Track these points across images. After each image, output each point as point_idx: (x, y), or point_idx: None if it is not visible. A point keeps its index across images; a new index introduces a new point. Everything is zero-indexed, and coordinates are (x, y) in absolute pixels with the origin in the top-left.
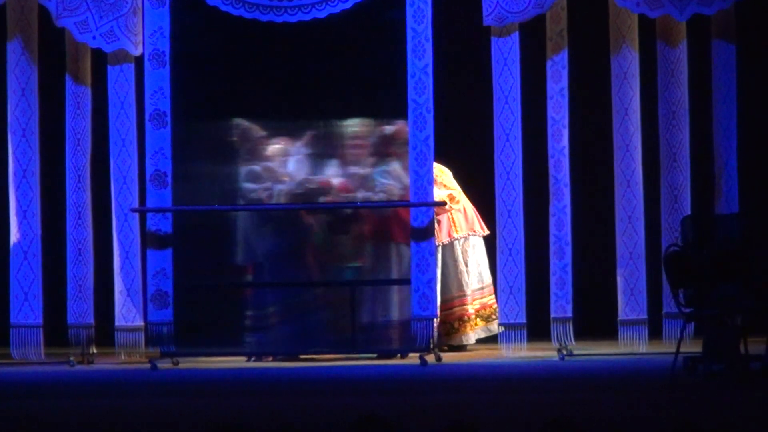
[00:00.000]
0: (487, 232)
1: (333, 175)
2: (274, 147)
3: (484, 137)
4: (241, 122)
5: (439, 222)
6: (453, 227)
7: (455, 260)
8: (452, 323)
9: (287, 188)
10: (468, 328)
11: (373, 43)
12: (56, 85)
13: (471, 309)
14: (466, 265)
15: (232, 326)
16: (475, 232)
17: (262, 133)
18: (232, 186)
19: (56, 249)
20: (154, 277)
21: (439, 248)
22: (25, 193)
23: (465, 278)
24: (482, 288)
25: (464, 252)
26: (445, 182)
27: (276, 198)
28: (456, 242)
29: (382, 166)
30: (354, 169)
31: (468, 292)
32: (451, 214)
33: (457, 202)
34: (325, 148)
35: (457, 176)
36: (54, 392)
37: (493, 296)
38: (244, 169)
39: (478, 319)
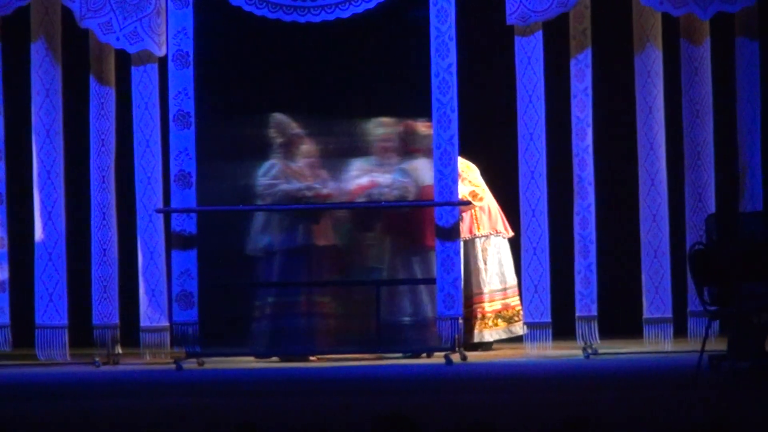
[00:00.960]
0: (511, 233)
1: (356, 175)
2: (298, 146)
3: (508, 136)
4: (265, 122)
5: (462, 219)
6: (475, 224)
7: (475, 258)
8: (470, 320)
9: (310, 187)
10: (483, 326)
11: (397, 42)
12: (80, 85)
13: (488, 307)
14: (485, 263)
15: (257, 326)
16: (498, 232)
17: (285, 132)
18: (256, 186)
19: (81, 249)
20: (179, 278)
21: (461, 245)
22: (49, 193)
23: (482, 276)
24: (505, 289)
25: (484, 250)
26: (470, 178)
27: (298, 198)
28: (477, 240)
29: (402, 165)
30: (377, 169)
31: (485, 290)
32: (475, 211)
33: (480, 199)
34: (349, 148)
35: (482, 175)
36: (79, 393)
37: (517, 298)
38: (268, 168)
39: (499, 320)
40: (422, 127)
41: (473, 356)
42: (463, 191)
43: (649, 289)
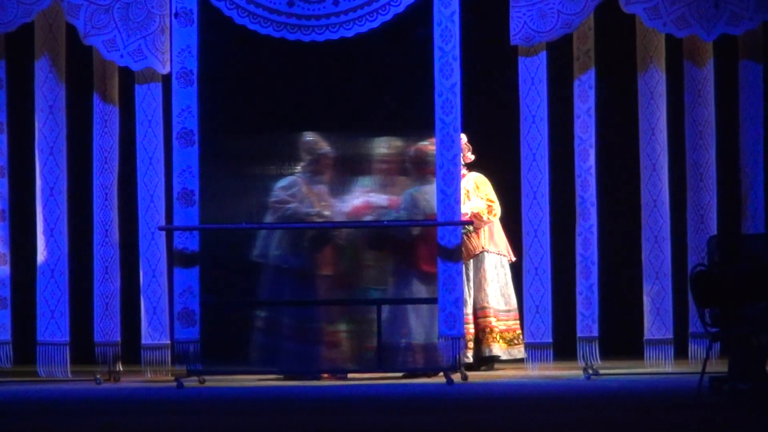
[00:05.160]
0: (513, 259)
1: (355, 196)
2: (324, 167)
3: (510, 157)
4: (269, 141)
5: (474, 234)
6: (486, 239)
7: (483, 272)
8: (476, 334)
9: (320, 213)
10: (492, 341)
11: (401, 62)
12: (84, 103)
13: (494, 322)
14: (491, 280)
15: (259, 345)
16: (505, 255)
17: (289, 151)
18: (270, 195)
19: (83, 267)
20: (181, 296)
21: (471, 262)
22: (52, 210)
23: (486, 289)
24: (509, 311)
25: (491, 267)
26: (486, 191)
27: (305, 221)
28: (486, 254)
29: (411, 185)
30: (375, 190)
31: (489, 305)
32: (489, 227)
33: (495, 215)
34: (352, 167)
35: None
36: (80, 410)
37: (518, 322)
38: (290, 184)
39: (501, 341)
40: (427, 148)
41: (474, 376)
42: (479, 206)
43: (650, 310)
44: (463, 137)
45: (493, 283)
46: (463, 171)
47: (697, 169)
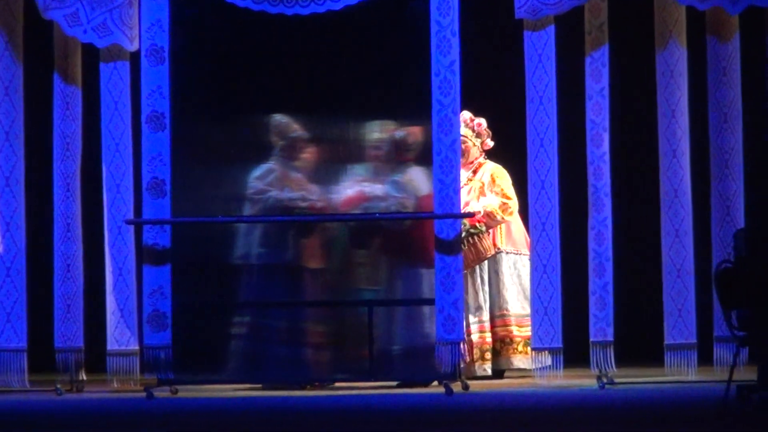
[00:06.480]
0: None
1: (347, 185)
2: (299, 151)
3: (516, 142)
4: (248, 125)
5: (488, 233)
6: (500, 238)
7: (501, 274)
8: (494, 345)
9: (305, 198)
10: (513, 352)
11: (394, 37)
12: (43, 84)
13: (516, 332)
14: (508, 284)
15: (237, 351)
16: (525, 254)
17: (286, 135)
18: (247, 187)
19: (42, 265)
20: (151, 296)
21: (485, 262)
22: (8, 202)
23: (505, 294)
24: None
25: (508, 268)
26: (503, 186)
27: (291, 208)
28: (503, 255)
29: (396, 176)
30: (368, 179)
31: (510, 312)
32: (506, 225)
33: (510, 213)
34: (341, 154)
35: None
36: (39, 423)
37: None
38: (265, 173)
39: (528, 348)
40: (418, 131)
41: (476, 386)
42: (492, 203)
43: (671, 312)
44: (483, 122)
45: (513, 285)
46: (481, 160)
47: (722, 155)
